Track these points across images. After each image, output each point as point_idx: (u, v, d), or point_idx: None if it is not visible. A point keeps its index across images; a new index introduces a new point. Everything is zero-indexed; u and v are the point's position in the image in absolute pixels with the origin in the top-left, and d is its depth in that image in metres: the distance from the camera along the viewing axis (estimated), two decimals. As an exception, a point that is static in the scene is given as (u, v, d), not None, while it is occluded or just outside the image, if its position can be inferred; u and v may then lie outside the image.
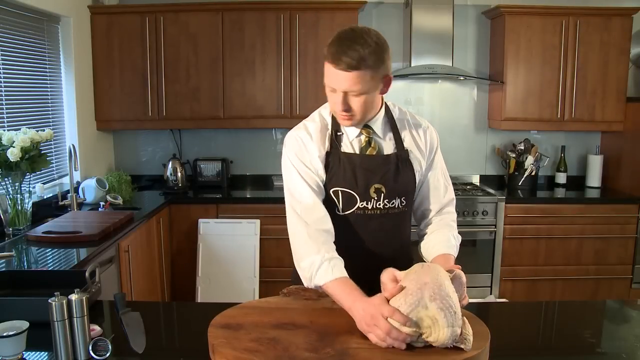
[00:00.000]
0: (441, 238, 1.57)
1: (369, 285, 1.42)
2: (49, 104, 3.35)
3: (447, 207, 1.66)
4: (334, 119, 1.58)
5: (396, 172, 1.55)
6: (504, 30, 3.81)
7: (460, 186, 4.08)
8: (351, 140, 1.57)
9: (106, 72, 3.80)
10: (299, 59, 3.78)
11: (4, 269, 2.05)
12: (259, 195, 3.89)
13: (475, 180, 4.29)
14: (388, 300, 1.22)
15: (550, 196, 3.91)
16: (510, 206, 3.69)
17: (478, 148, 4.29)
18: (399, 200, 1.57)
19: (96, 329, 1.36)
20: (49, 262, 2.21)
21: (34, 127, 2.83)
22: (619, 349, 1.37)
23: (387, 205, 1.55)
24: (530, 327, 1.57)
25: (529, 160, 4.05)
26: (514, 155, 4.10)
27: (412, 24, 3.80)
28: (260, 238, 3.61)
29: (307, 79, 3.80)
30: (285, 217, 1.54)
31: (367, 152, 1.56)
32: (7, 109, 2.90)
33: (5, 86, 2.89)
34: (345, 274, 1.39)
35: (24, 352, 1.26)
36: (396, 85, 4.21)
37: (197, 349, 1.30)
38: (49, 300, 1.20)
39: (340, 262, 1.42)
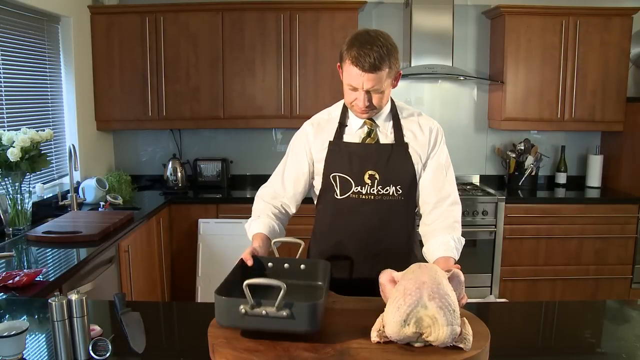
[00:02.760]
0: (442, 241, 1.61)
1: (369, 262, 1.69)
2: (49, 104, 3.35)
3: (446, 202, 1.69)
4: (343, 112, 1.75)
5: (390, 160, 1.67)
6: (504, 30, 3.81)
7: (460, 186, 4.08)
8: (354, 131, 1.71)
9: (106, 72, 3.80)
10: (299, 59, 3.79)
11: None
12: (259, 195, 3.89)
13: (475, 180, 4.29)
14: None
15: (550, 196, 3.91)
16: (510, 206, 3.69)
17: (478, 148, 4.29)
18: (393, 188, 1.66)
19: (96, 329, 1.36)
20: (49, 262, 2.21)
21: (34, 127, 2.83)
22: (619, 349, 1.37)
23: (380, 191, 1.66)
24: (530, 327, 1.57)
25: (529, 160, 4.05)
26: (514, 155, 4.10)
27: (412, 24, 3.80)
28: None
29: (307, 79, 3.80)
30: None
31: (367, 142, 1.69)
32: (7, 109, 2.90)
33: (5, 86, 2.89)
34: (258, 229, 1.67)
35: (24, 352, 1.26)
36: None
37: (197, 349, 1.30)
38: (49, 300, 1.20)
39: (260, 221, 1.69)
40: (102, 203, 3.27)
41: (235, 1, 3.79)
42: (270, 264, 1.50)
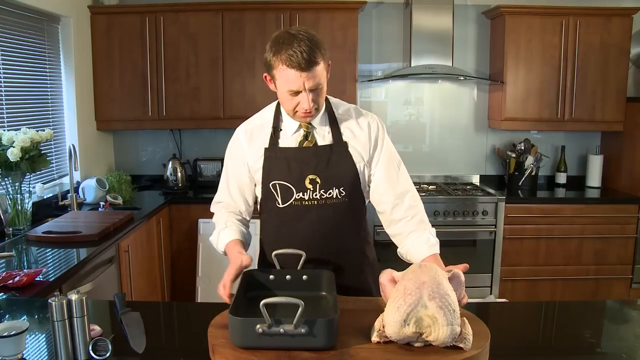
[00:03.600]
0: (421, 239, 1.57)
1: (321, 269, 1.53)
2: (49, 104, 3.35)
3: (406, 197, 1.63)
4: (276, 115, 1.66)
5: (330, 162, 1.60)
6: (504, 30, 3.81)
7: (460, 186, 4.08)
8: (290, 136, 1.64)
9: (106, 72, 3.80)
10: (299, 59, 3.78)
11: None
12: (259, 195, 3.89)
13: (475, 180, 4.29)
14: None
15: (550, 196, 3.91)
16: (510, 206, 3.69)
17: (478, 148, 4.29)
18: (336, 190, 1.60)
19: (96, 329, 1.36)
20: (49, 262, 2.21)
21: (34, 127, 2.83)
22: (619, 349, 1.37)
23: (324, 195, 1.60)
24: (530, 327, 1.57)
25: (529, 160, 4.05)
26: (514, 155, 4.10)
27: (412, 24, 3.80)
28: (260, 238, 3.61)
29: (307, 79, 3.79)
30: None
31: (304, 145, 1.62)
32: (7, 109, 2.90)
33: (5, 86, 2.89)
34: (231, 237, 1.59)
35: (24, 352, 1.26)
36: (396, 85, 4.21)
37: (197, 349, 1.30)
38: (49, 300, 1.20)
39: (230, 229, 1.62)
40: (102, 203, 3.27)
41: (235, 1, 3.79)
42: (271, 277, 1.47)
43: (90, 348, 1.23)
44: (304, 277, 1.47)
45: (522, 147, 4.07)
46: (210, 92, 3.82)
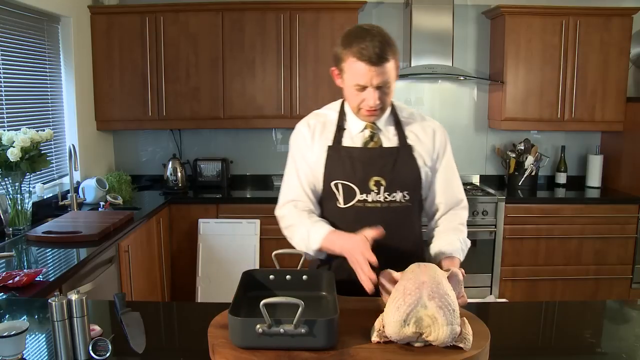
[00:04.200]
0: (447, 241, 1.58)
1: (377, 273, 1.48)
2: (49, 104, 3.35)
3: (457, 207, 1.67)
4: (340, 115, 1.64)
5: (396, 165, 1.58)
6: (504, 30, 3.81)
7: (460, 186, 4.08)
8: (354, 135, 1.61)
9: (106, 72, 3.80)
10: (299, 59, 3.79)
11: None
12: (259, 195, 3.90)
13: (475, 180, 4.29)
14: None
15: (550, 196, 3.91)
16: (510, 206, 3.69)
17: (478, 148, 4.29)
18: (400, 194, 1.57)
19: (96, 329, 1.36)
20: (49, 262, 2.21)
21: (34, 127, 2.83)
22: (619, 349, 1.37)
23: (387, 198, 1.56)
24: (530, 327, 1.57)
25: (529, 160, 4.05)
26: (514, 155, 4.10)
27: (412, 24, 3.80)
28: (260, 238, 3.61)
29: (307, 79, 3.80)
30: None
31: (370, 146, 1.60)
32: (7, 109, 2.90)
33: (5, 86, 2.89)
34: (328, 228, 1.52)
35: (24, 352, 1.26)
36: (396, 85, 4.20)
37: (197, 349, 1.30)
38: (49, 300, 1.20)
39: (321, 224, 1.54)
40: (102, 203, 3.27)
41: (235, 1, 3.79)
42: (272, 277, 1.47)
43: (90, 348, 1.23)
44: (304, 277, 1.46)
45: (522, 147, 4.07)
46: (210, 92, 3.82)
